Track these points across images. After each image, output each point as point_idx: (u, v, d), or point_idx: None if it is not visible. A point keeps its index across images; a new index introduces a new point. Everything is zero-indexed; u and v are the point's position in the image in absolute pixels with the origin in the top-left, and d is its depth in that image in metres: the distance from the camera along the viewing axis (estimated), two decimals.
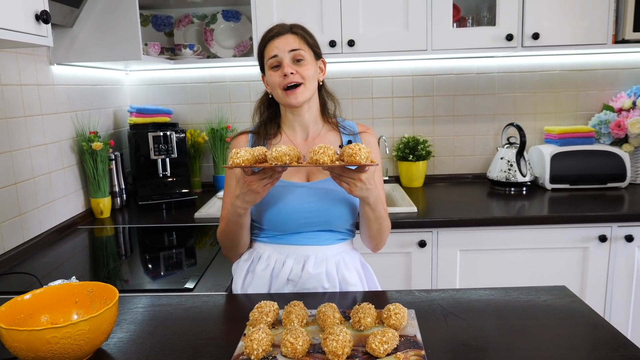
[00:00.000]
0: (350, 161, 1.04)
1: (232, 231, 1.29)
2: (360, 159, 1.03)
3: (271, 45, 1.29)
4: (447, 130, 2.59)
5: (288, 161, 1.05)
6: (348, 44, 2.14)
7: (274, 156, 1.05)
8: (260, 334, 0.92)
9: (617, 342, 0.96)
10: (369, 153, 1.06)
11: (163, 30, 2.52)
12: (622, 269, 1.97)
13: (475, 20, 2.31)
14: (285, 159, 1.05)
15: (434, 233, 1.95)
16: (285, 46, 1.28)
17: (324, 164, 1.04)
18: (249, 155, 1.08)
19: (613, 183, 2.30)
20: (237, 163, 1.07)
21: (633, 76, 2.50)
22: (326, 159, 1.04)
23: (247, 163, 1.07)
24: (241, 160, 1.07)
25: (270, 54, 1.29)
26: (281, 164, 1.05)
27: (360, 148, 1.04)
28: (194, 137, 2.51)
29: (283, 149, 1.06)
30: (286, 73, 1.26)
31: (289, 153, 1.05)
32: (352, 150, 1.04)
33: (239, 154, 1.07)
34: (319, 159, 1.04)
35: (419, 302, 1.16)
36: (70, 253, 1.72)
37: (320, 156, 1.04)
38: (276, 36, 1.29)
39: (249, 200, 1.17)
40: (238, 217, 1.24)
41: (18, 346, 0.86)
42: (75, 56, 1.92)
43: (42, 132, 1.81)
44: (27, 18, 1.25)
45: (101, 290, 1.03)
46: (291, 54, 1.28)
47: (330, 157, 1.05)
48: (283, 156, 1.05)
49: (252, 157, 1.08)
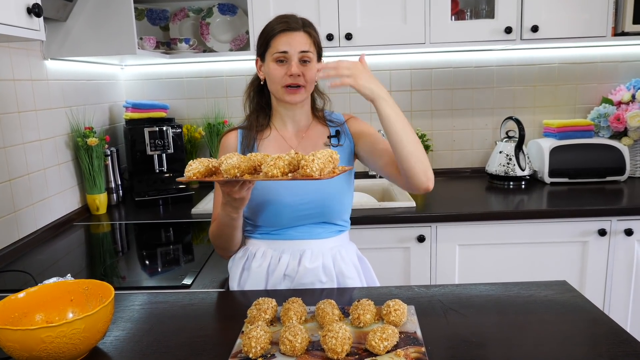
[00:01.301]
0: (303, 173, 0.98)
1: (225, 233, 1.28)
2: (312, 172, 0.96)
3: (282, 39, 1.26)
4: (446, 124, 2.58)
5: (238, 174, 1.02)
6: (345, 37, 2.12)
7: (223, 169, 1.03)
8: (258, 331, 0.91)
9: (619, 337, 0.95)
10: (327, 161, 0.99)
11: (158, 24, 2.49)
12: (621, 263, 1.96)
13: (473, 13, 2.29)
14: (234, 171, 1.02)
15: (432, 228, 1.94)
16: (297, 45, 1.26)
17: (273, 177, 0.99)
18: (201, 168, 1.06)
19: (612, 177, 2.29)
20: (188, 176, 1.05)
21: (632, 69, 2.49)
22: (276, 171, 0.99)
23: (199, 175, 1.05)
24: (192, 173, 1.05)
25: (279, 47, 1.26)
26: (231, 177, 1.02)
27: (314, 159, 0.97)
28: (191, 132, 2.49)
29: (233, 161, 1.02)
30: (293, 73, 1.25)
31: (238, 165, 1.02)
32: (306, 161, 0.97)
33: (191, 166, 1.06)
34: (268, 172, 0.99)
35: (419, 297, 1.15)
36: (66, 250, 1.71)
37: (270, 169, 0.99)
38: (289, 30, 1.26)
39: (236, 205, 1.16)
40: (231, 221, 1.23)
41: (12, 345, 0.85)
42: (70, 51, 1.90)
43: (37, 128, 1.78)
44: (19, 11, 1.22)
45: (97, 288, 1.01)
46: (301, 55, 1.26)
47: (282, 169, 1.00)
48: (232, 169, 1.02)
49: (205, 169, 1.06)
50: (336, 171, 1.02)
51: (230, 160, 1.03)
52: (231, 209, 1.18)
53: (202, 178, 1.06)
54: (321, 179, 0.97)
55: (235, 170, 1.02)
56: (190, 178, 1.05)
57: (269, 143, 1.35)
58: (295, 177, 0.99)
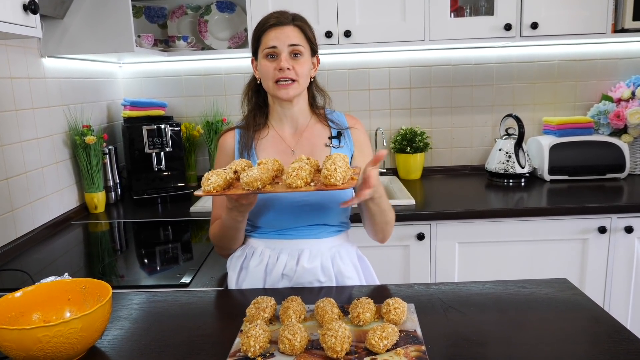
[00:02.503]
0: (326, 183, 0.97)
1: (229, 235, 1.27)
2: (337, 181, 0.96)
3: (271, 34, 1.26)
4: (445, 121, 2.57)
5: (260, 186, 1.01)
6: (344, 34, 2.11)
7: (245, 182, 1.01)
8: (257, 330, 0.90)
9: (620, 335, 0.95)
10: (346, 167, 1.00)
11: (156, 22, 2.48)
12: (621, 260, 1.96)
13: (473, 10, 2.28)
14: (257, 184, 1.00)
15: (432, 226, 1.93)
16: (286, 39, 1.25)
17: (297, 188, 0.99)
18: (220, 181, 1.03)
19: (612, 174, 2.28)
20: (207, 191, 1.02)
21: (632, 66, 2.48)
22: (300, 182, 0.98)
23: (219, 189, 1.03)
24: (212, 187, 1.02)
25: (268, 43, 1.26)
26: (253, 189, 1.01)
27: (336, 168, 0.97)
28: (189, 131, 2.48)
29: (254, 173, 1.01)
30: (282, 67, 1.23)
31: (260, 177, 1.01)
32: (328, 170, 0.97)
33: (210, 180, 1.03)
34: (291, 183, 0.98)
35: (419, 296, 1.14)
36: (64, 249, 1.70)
37: (293, 180, 0.98)
38: (277, 25, 1.26)
39: (243, 210, 1.15)
40: (237, 224, 1.22)
41: (9, 345, 0.84)
42: (67, 48, 1.88)
43: (34, 126, 1.77)
44: (15, 8, 1.22)
45: (94, 287, 1.01)
46: (290, 48, 1.25)
47: (305, 180, 0.99)
48: (255, 182, 1.00)
49: (224, 182, 1.04)
50: (355, 177, 1.03)
51: (251, 172, 1.01)
52: (237, 213, 1.16)
53: (222, 192, 1.03)
54: (345, 188, 0.98)
55: (257, 182, 1.01)
56: (209, 193, 1.02)
57: (267, 143, 1.34)
58: (320, 187, 0.98)
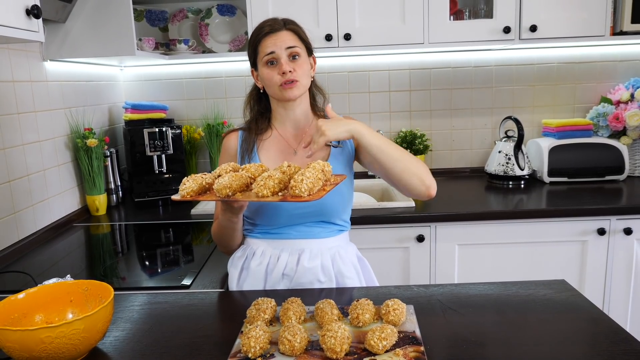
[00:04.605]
0: (292, 194, 0.99)
1: (226, 233, 1.32)
2: (301, 193, 0.98)
3: (267, 42, 1.28)
4: (445, 124, 2.58)
5: (230, 193, 1.05)
6: (344, 37, 2.12)
7: (215, 188, 1.05)
8: (257, 331, 0.91)
9: (618, 336, 0.95)
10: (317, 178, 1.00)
11: (157, 25, 2.49)
12: (620, 262, 1.96)
13: (472, 13, 2.29)
14: (226, 191, 1.04)
15: (432, 228, 1.94)
16: (282, 43, 1.27)
17: (264, 197, 1.01)
18: (195, 186, 1.08)
19: (611, 176, 2.29)
20: (182, 195, 1.07)
21: (631, 68, 2.49)
22: (266, 191, 1.01)
23: (192, 194, 1.08)
24: (185, 192, 1.07)
25: (266, 50, 1.28)
26: (222, 197, 1.05)
27: (303, 179, 0.98)
28: (190, 133, 2.49)
29: (225, 181, 1.04)
30: (285, 71, 1.26)
31: (230, 185, 1.04)
32: (295, 181, 0.99)
33: (185, 185, 1.08)
34: (258, 192, 1.02)
35: (418, 297, 1.15)
36: (66, 251, 1.71)
37: (260, 189, 1.01)
38: (272, 32, 1.28)
39: (235, 212, 1.21)
40: (232, 224, 1.27)
41: (12, 346, 0.85)
42: (69, 52, 1.90)
43: (36, 129, 1.79)
44: (17, 13, 1.23)
45: (96, 289, 1.02)
46: (288, 51, 1.27)
47: (272, 189, 1.01)
48: (223, 189, 1.04)
49: (199, 187, 1.08)
50: (326, 188, 1.04)
51: (222, 179, 1.05)
52: (231, 214, 1.22)
53: (196, 197, 1.08)
54: (311, 200, 0.99)
55: (226, 190, 1.04)
56: (184, 197, 1.07)
57: (270, 144, 1.36)
58: (284, 198, 1.01)
